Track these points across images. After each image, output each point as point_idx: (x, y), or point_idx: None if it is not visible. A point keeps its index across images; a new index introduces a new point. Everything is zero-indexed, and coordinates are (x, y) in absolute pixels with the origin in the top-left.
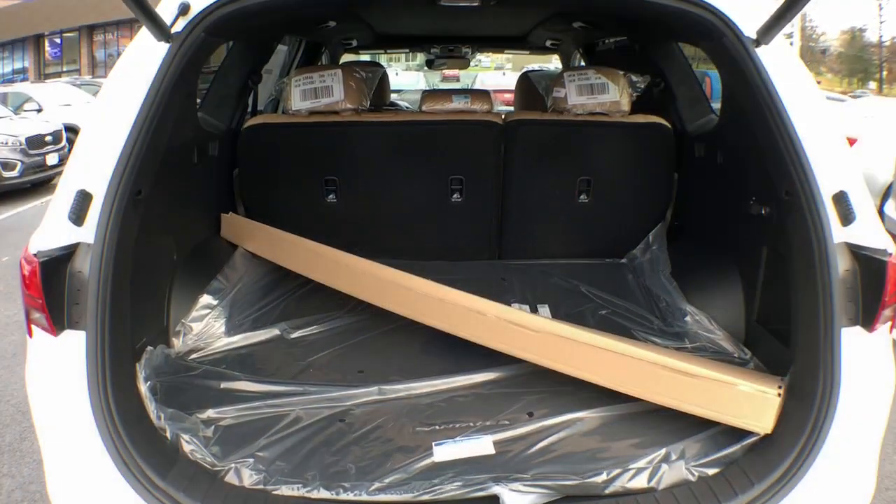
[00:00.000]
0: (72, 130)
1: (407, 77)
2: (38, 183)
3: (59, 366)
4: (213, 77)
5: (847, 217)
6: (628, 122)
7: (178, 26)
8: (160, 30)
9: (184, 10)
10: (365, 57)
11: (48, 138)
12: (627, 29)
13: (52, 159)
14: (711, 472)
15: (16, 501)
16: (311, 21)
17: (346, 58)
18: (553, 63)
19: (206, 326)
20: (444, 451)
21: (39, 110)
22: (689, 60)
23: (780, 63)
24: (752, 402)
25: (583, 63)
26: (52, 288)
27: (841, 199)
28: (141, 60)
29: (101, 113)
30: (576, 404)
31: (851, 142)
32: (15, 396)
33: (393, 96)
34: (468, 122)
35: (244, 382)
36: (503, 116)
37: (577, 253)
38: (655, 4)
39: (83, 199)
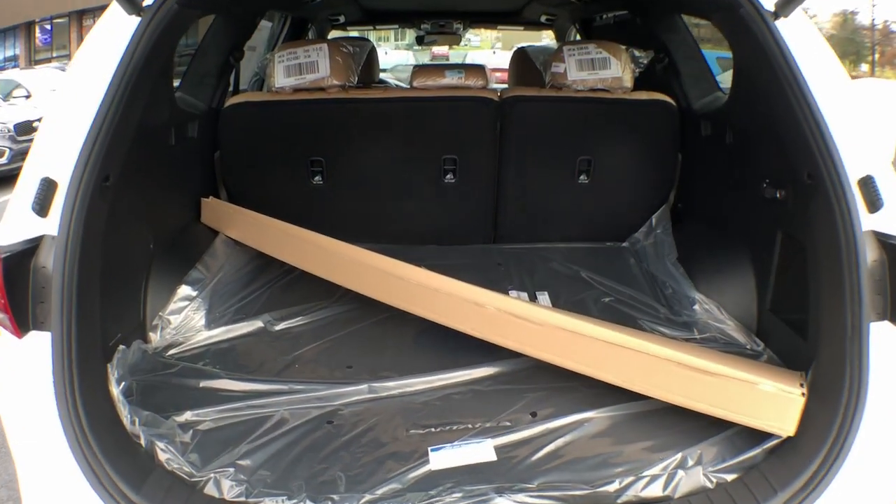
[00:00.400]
0: None
1: (396, 56)
2: None
3: (25, 371)
4: (193, 54)
5: (874, 203)
6: (631, 98)
7: None
8: (130, 2)
9: None
10: (353, 34)
11: (36, 124)
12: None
13: None
14: (730, 477)
15: (1, 500)
16: None
17: (334, 35)
18: (545, 41)
19: (185, 319)
20: (442, 458)
21: (28, 96)
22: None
23: (800, 37)
24: (774, 402)
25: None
26: (16, 286)
27: (868, 184)
28: (110, 36)
29: (68, 94)
30: (582, 403)
31: None
32: None
33: (382, 75)
34: (462, 98)
35: (225, 381)
36: (499, 93)
37: (577, 236)
38: None
39: (47, 188)
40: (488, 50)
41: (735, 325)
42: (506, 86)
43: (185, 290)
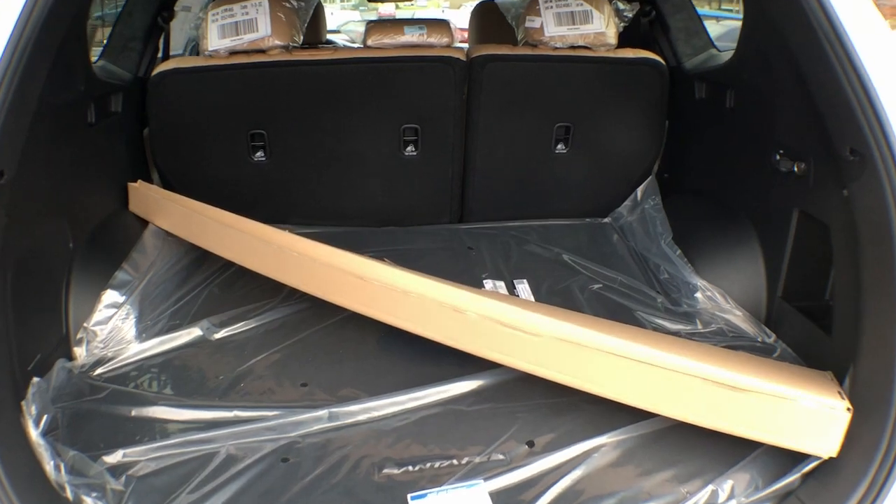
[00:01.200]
0: None
1: (343, 17)
2: None
3: None
4: (117, 18)
5: None
6: (616, 57)
7: None
8: None
9: None
10: None
11: None
12: None
13: None
14: None
15: None
16: None
17: None
18: None
19: (113, 331)
20: None
21: None
22: None
23: None
24: (815, 420)
25: None
26: None
27: None
28: None
29: None
30: (586, 425)
31: None
32: None
33: (331, 36)
34: (424, 58)
35: (161, 408)
36: (466, 52)
37: (555, 212)
38: None
39: None
40: (436, 9)
41: (742, 315)
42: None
43: (111, 295)
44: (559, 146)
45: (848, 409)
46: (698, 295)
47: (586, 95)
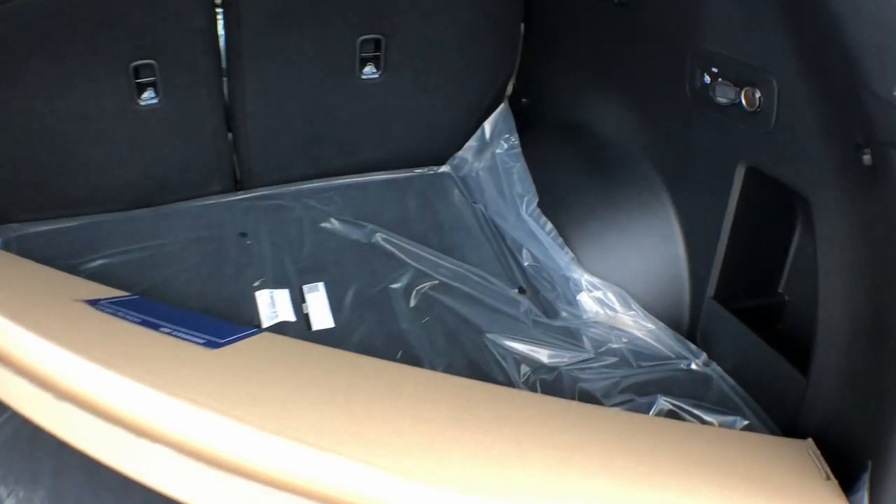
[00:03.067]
0: None
1: None
2: None
3: None
4: None
5: None
6: None
7: None
8: None
9: None
10: None
11: None
12: None
13: None
14: None
15: None
16: None
17: None
18: None
19: None
20: None
21: None
22: None
23: None
24: None
25: None
26: None
27: None
28: None
29: None
30: None
31: None
32: None
33: None
34: None
35: None
36: None
37: (368, 164)
38: None
39: None
40: None
41: (654, 328)
42: None
43: None
44: (367, 69)
45: None
46: (583, 297)
47: None
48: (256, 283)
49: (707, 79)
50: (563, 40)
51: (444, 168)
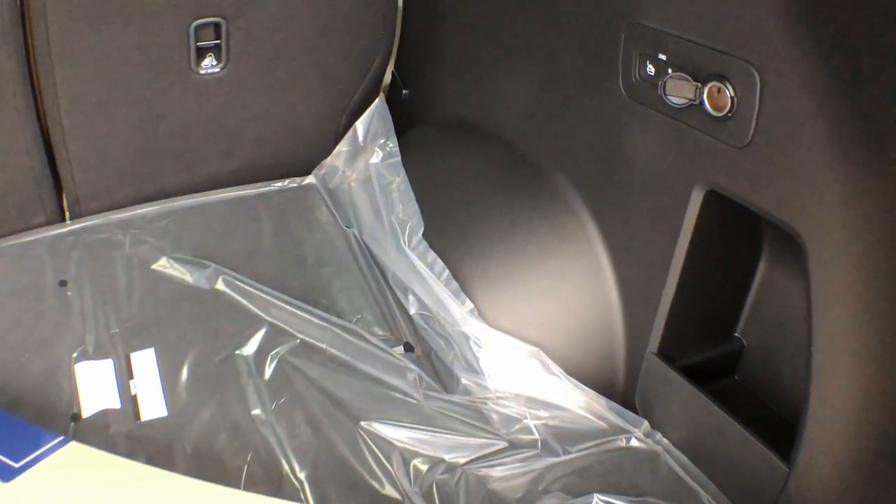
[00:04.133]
0: None
1: None
2: None
3: None
4: None
5: None
6: None
7: None
8: None
9: None
10: None
11: None
12: None
13: None
14: None
15: None
16: None
17: None
18: None
19: None
20: None
21: None
22: None
23: None
24: None
25: None
26: None
27: None
28: None
29: None
30: None
31: None
32: None
33: None
34: None
35: None
36: None
37: (213, 179)
38: None
39: None
40: None
41: (581, 395)
42: None
43: None
44: (206, 61)
45: None
46: (487, 359)
47: None
48: (76, 353)
49: (651, 69)
50: (455, 13)
51: (310, 179)
